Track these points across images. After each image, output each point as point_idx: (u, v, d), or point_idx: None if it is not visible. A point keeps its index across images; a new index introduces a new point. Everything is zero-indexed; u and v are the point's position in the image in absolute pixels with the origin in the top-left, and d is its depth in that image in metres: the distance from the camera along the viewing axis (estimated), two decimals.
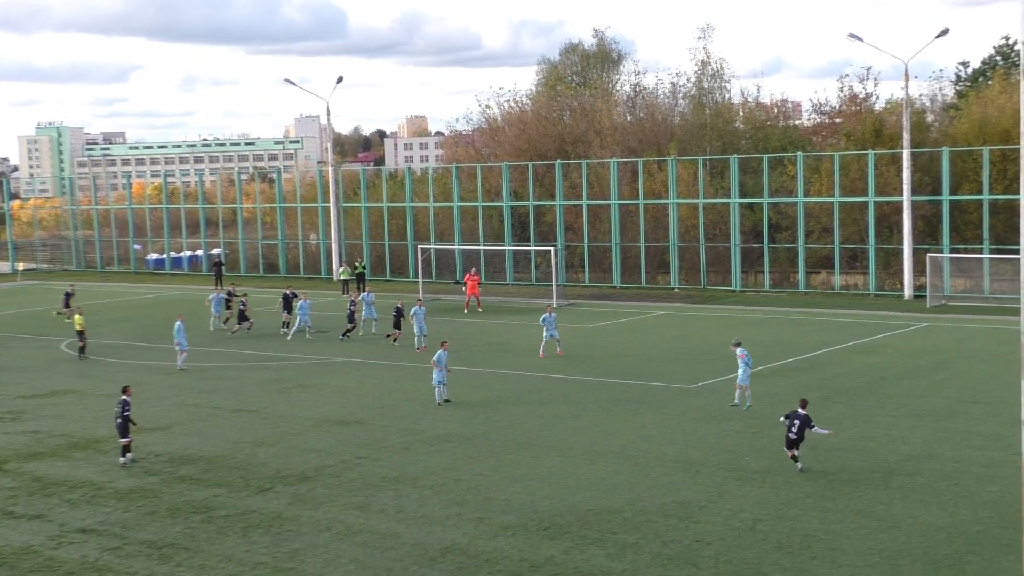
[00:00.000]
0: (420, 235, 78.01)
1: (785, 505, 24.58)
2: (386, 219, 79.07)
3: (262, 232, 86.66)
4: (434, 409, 35.55)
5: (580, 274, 73.23)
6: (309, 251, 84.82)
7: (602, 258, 73.34)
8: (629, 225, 72.04)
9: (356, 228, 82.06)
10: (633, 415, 33.96)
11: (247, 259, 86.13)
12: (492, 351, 47.24)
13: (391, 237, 79.38)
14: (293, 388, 40.19)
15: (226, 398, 38.71)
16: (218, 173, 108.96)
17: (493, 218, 77.68)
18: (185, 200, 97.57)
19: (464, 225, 77.04)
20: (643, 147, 79.77)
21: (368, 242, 79.92)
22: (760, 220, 68.51)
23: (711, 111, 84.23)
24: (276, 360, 46.68)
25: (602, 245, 72.77)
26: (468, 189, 79.44)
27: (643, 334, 51.36)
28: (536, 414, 34.48)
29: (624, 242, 71.43)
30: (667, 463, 28.25)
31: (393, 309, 50.83)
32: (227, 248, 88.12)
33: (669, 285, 69.39)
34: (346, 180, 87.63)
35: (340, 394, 38.77)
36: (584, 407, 35.35)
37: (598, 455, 29.24)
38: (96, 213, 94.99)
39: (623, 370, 41.83)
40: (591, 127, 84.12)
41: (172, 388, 40.56)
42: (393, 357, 46.01)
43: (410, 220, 77.80)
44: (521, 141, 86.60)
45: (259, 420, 34.97)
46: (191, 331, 48.02)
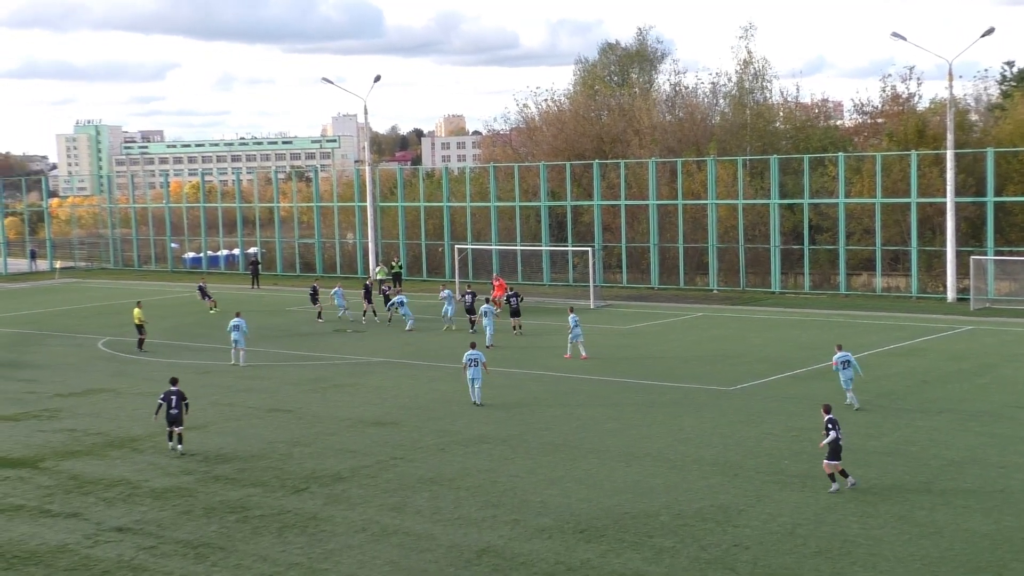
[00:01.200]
0: (457, 235, 78.06)
1: (825, 510, 24.42)
2: (423, 219, 79.19)
3: (299, 231, 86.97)
4: (470, 410, 35.54)
5: (618, 275, 73.06)
6: (346, 250, 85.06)
7: (640, 259, 73.15)
8: (667, 226, 71.80)
9: (393, 228, 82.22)
10: (671, 417, 33.85)
11: (283, 258, 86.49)
12: (528, 352, 47.19)
13: (428, 237, 79.50)
14: (329, 388, 40.29)
15: (262, 398, 38.86)
16: (255, 172, 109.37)
17: (530, 218, 77.63)
18: (222, 199, 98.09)
19: (501, 225, 77.03)
20: (682, 147, 79.50)
21: (405, 242, 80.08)
22: (800, 221, 68.13)
23: (751, 111, 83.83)
24: (312, 360, 46.82)
25: (640, 246, 72.56)
26: (505, 189, 79.42)
27: (681, 336, 51.19)
28: (572, 416, 34.42)
29: (662, 243, 71.20)
30: (705, 466, 28.13)
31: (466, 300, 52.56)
32: (264, 247, 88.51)
33: (708, 287, 69.13)
34: (383, 179, 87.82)
35: (376, 394, 38.83)
36: (621, 409, 35.26)
37: (635, 458, 29.16)
38: (134, 211, 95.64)
39: (661, 372, 41.70)
40: (629, 127, 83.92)
41: (207, 387, 40.75)
42: (429, 357, 46.07)
43: (447, 220, 77.87)
44: (559, 141, 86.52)
45: (294, 420, 35.08)
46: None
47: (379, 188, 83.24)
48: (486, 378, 37.30)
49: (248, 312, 61.55)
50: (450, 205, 78.51)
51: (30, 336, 56.43)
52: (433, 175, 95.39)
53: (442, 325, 54.10)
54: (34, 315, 65.30)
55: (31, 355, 50.32)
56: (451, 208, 78.66)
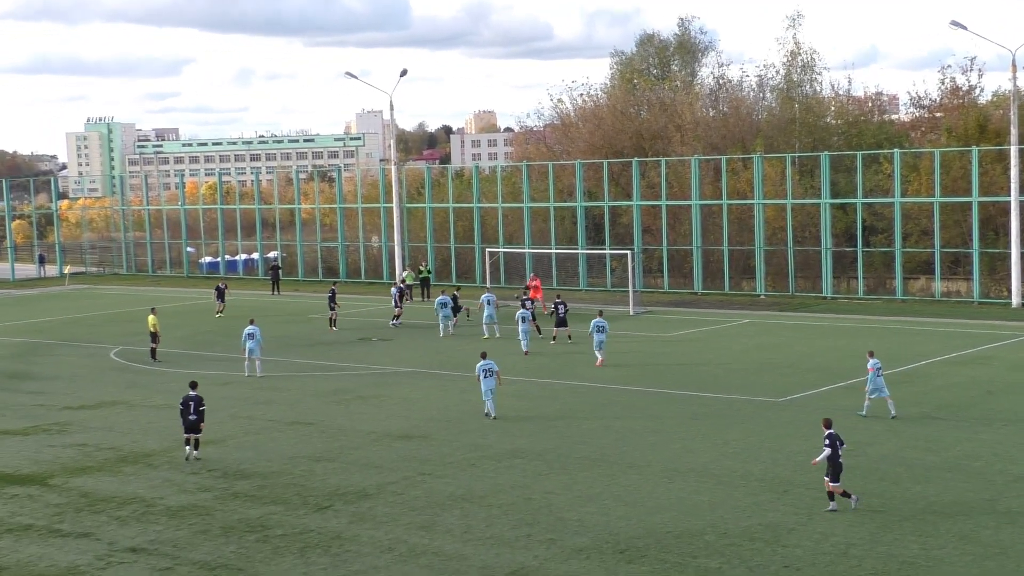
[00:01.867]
0: (488, 237, 78.10)
1: (881, 529, 24.25)
2: (452, 220, 79.30)
3: (321, 234, 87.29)
4: (502, 423, 35.54)
5: (659, 279, 72.93)
6: (371, 254, 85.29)
7: (682, 262, 72.98)
8: (711, 227, 71.59)
9: (420, 230, 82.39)
10: (716, 430, 33.74)
11: (305, 262, 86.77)
12: (564, 361, 47.16)
13: (457, 240, 79.59)
14: (353, 400, 40.37)
15: (282, 410, 38.97)
16: (275, 171, 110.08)
17: (565, 219, 77.60)
18: (240, 200, 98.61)
19: (535, 227, 77.06)
20: (727, 144, 79.29)
21: (433, 245, 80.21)
22: (853, 222, 67.82)
23: (800, 105, 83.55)
24: (335, 370, 46.92)
25: (682, 248, 72.41)
26: (539, 189, 79.44)
27: (726, 344, 51.03)
28: (611, 428, 34.37)
29: (706, 245, 71.04)
30: (752, 482, 28.01)
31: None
32: (284, 251, 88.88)
33: (754, 291, 68.92)
34: (410, 179, 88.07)
35: (403, 406, 38.88)
36: (663, 421, 35.19)
37: (678, 473, 29.07)
38: (147, 214, 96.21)
39: (705, 382, 41.58)
40: (671, 122, 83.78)
41: (226, 399, 40.90)
42: (460, 367, 46.09)
43: (477, 221, 77.96)
44: (596, 137, 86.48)
45: (317, 434, 35.16)
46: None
47: (406, 188, 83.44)
48: (517, 389, 37.19)
49: (268, 319, 61.77)
50: (481, 206, 78.58)
51: (39, 346, 56.82)
52: (463, 174, 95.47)
53: (481, 333, 54.00)
54: (43, 323, 65.77)
55: (40, 366, 50.65)
56: (482, 209, 78.73)
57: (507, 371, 44.82)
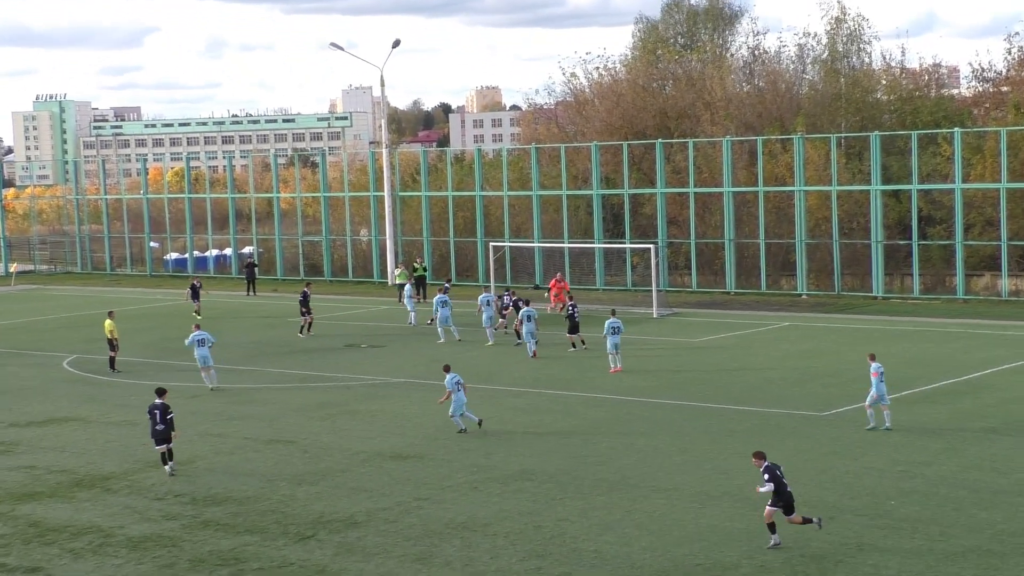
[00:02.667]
0: (492, 230, 78.07)
1: (942, 560, 24.20)
2: (451, 211, 79.30)
3: (303, 227, 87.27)
4: (508, 441, 35.51)
5: (686, 277, 72.89)
6: (359, 250, 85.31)
7: (713, 258, 72.94)
8: (746, 218, 71.53)
9: (415, 222, 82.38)
10: (752, 448, 33.58)
11: (285, 259, 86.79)
12: (578, 369, 47.12)
13: (457, 233, 79.59)
14: (340, 414, 40.36)
15: (259, 426, 38.95)
16: (250, 156, 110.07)
17: (580, 209, 77.57)
18: (211, 188, 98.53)
19: (545, 218, 77.02)
20: (763, 123, 79.27)
21: (430, 238, 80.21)
22: (907, 211, 67.76)
23: (847, 79, 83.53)
24: (319, 381, 46.91)
25: (713, 242, 72.38)
26: (550, 175, 79.41)
27: (763, 350, 50.99)
28: (633, 447, 34.32)
29: (740, 238, 71.00)
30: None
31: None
32: (261, 246, 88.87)
33: (795, 291, 68.88)
34: (403, 164, 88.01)
35: (396, 422, 38.87)
36: (691, 439, 35.13)
37: (709, 498, 29.02)
38: (106, 204, 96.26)
39: (739, 394, 41.53)
40: (700, 99, 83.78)
41: (195, 415, 40.88)
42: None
43: (480, 212, 77.96)
44: (614, 116, 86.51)
45: (299, 453, 35.15)
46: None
47: (399, 175, 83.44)
48: (526, 402, 37.09)
49: (242, 323, 61.75)
50: (484, 194, 78.56)
51: None
52: (464, 158, 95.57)
53: (486, 339, 54.00)
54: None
55: None
56: (485, 198, 78.70)
57: (513, 381, 44.82)
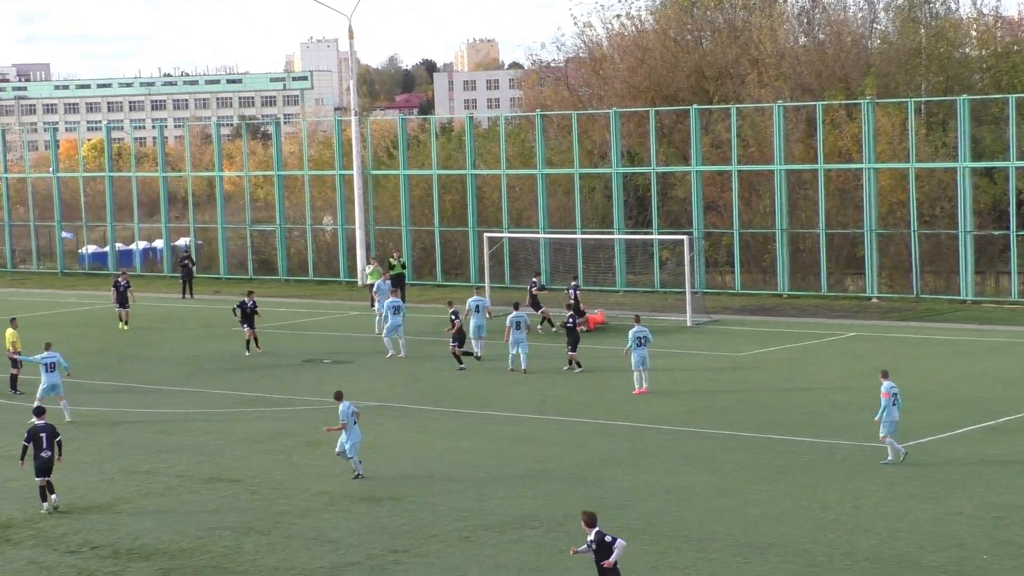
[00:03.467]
0: (487, 218, 77.97)
1: None
2: (436, 194, 79.10)
3: (252, 213, 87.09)
4: (506, 481, 35.41)
5: (728, 276, 72.76)
6: (322, 242, 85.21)
7: (761, 252, 72.85)
8: (802, 202, 71.47)
9: (392, 207, 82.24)
10: (808, 489, 33.60)
11: (230, 254, 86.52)
12: (592, 389, 47.04)
13: (444, 220, 79.44)
14: (297, 447, 40.28)
15: (197, 462, 38.85)
16: (186, 125, 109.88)
17: (596, 192, 77.49)
18: (138, 165, 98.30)
19: (553, 203, 76.90)
20: (824, 84, 79.14)
21: (409, 228, 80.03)
22: (1003, 194, 67.71)
23: (928, 30, 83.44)
24: (272, 405, 46.85)
25: (761, 232, 72.29)
26: (559, 149, 79.33)
27: (824, 367, 50.99)
28: (659, 486, 34.22)
29: (795, 228, 70.91)
30: (862, 562, 27.91)
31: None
32: (200, 237, 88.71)
33: (863, 293, 68.81)
34: (377, 136, 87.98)
35: (367, 455, 38.76)
36: (733, 476, 35.03)
37: (756, 549, 28.99)
38: (6, 185, 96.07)
39: (793, 421, 41.47)
40: (745, 55, 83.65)
41: (116, 446, 40.81)
42: (447, 400, 45.98)
43: (472, 195, 77.77)
44: (639, 77, 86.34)
45: (246, 495, 35.06)
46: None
47: (371, 149, 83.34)
48: (525, 431, 36.99)
49: (178, 332, 61.65)
50: (477, 173, 78.43)
51: None
52: (452, 129, 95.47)
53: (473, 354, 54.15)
54: None
55: None
56: (479, 178, 78.59)
57: (511, 405, 44.78)
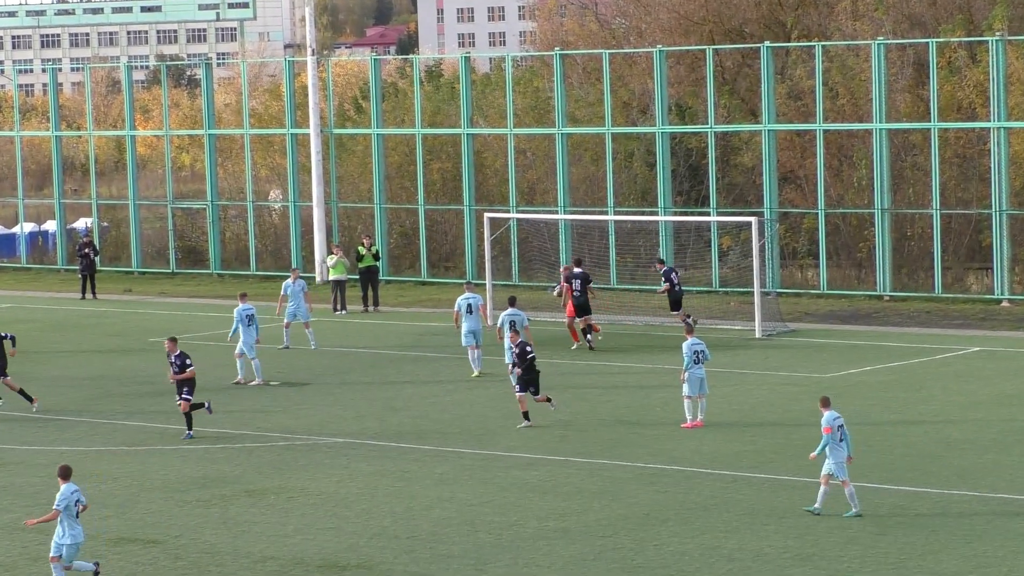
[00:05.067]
0: (487, 193, 78.18)
1: None
2: (420, 160, 79.10)
3: (174, 186, 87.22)
4: (514, 540, 35.42)
5: (811, 272, 72.89)
6: (267, 224, 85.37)
7: (854, 239, 72.94)
8: (909, 173, 71.68)
9: (361, 178, 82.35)
10: (916, 555, 33.61)
11: (143, 241, 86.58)
12: (629, 424, 47.12)
13: (431, 197, 79.53)
14: (234, 496, 40.40)
15: (102, 516, 38.89)
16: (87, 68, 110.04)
17: (635, 158, 77.60)
18: (23, 122, 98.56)
19: (577, 173, 77.05)
20: (938, 17, 79.30)
21: (383, 206, 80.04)
22: None
23: None
24: (202, 439, 46.95)
25: (855, 213, 72.37)
26: (585, 101, 79.49)
27: (935, 393, 51.13)
28: (719, 552, 34.21)
29: (899, 207, 70.98)
30: None
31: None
32: (105, 218, 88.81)
33: (990, 294, 68.89)
34: (341, 83, 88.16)
35: (328, 508, 38.89)
36: (817, 537, 35.01)
37: None
38: None
39: (895, 464, 41.55)
40: None
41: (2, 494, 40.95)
42: (431, 437, 46.04)
43: (468, 163, 77.81)
44: (692, 4, 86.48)
45: (167, 560, 35.13)
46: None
47: (332, 101, 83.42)
48: (545, 475, 37.05)
49: (76, 343, 61.78)
50: (473, 133, 78.45)
51: None
52: (441, 74, 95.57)
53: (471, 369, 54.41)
54: None
55: None
56: (477, 139, 78.65)
57: (520, 442, 44.83)
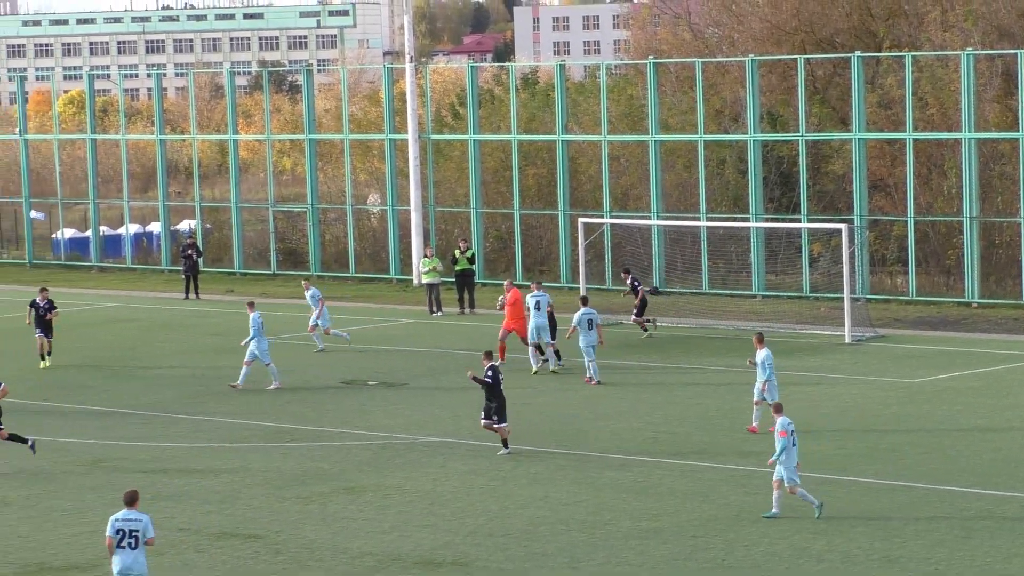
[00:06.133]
0: (581, 198, 78.05)
1: None
2: (516, 166, 79.08)
3: (275, 190, 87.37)
4: (607, 538, 35.35)
5: (899, 278, 72.53)
6: (366, 227, 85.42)
7: (943, 246, 72.60)
8: (998, 181, 71.23)
9: (458, 183, 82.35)
10: (1002, 558, 33.38)
11: (245, 243, 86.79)
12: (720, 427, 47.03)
13: (525, 202, 79.49)
14: (333, 493, 40.46)
15: (204, 512, 39.02)
16: (191, 74, 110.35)
17: (726, 166, 77.45)
18: (129, 126, 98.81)
19: (669, 179, 76.90)
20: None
21: (479, 210, 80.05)
22: None
23: None
24: (301, 436, 47.11)
25: (944, 221, 72.02)
26: (677, 109, 79.35)
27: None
28: (809, 552, 34.05)
29: (988, 216, 70.58)
30: None
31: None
32: (208, 220, 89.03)
33: None
34: (439, 90, 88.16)
35: (424, 506, 38.87)
36: (905, 539, 34.79)
37: None
38: None
39: (983, 469, 41.35)
40: None
41: (101, 490, 40.95)
42: (526, 437, 45.96)
43: (563, 169, 77.72)
44: (784, 14, 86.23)
45: (267, 555, 35.21)
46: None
47: (430, 108, 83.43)
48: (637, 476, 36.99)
49: (179, 344, 62.04)
50: (568, 140, 78.42)
51: None
52: (537, 81, 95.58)
53: None
54: None
55: None
56: (572, 146, 78.61)
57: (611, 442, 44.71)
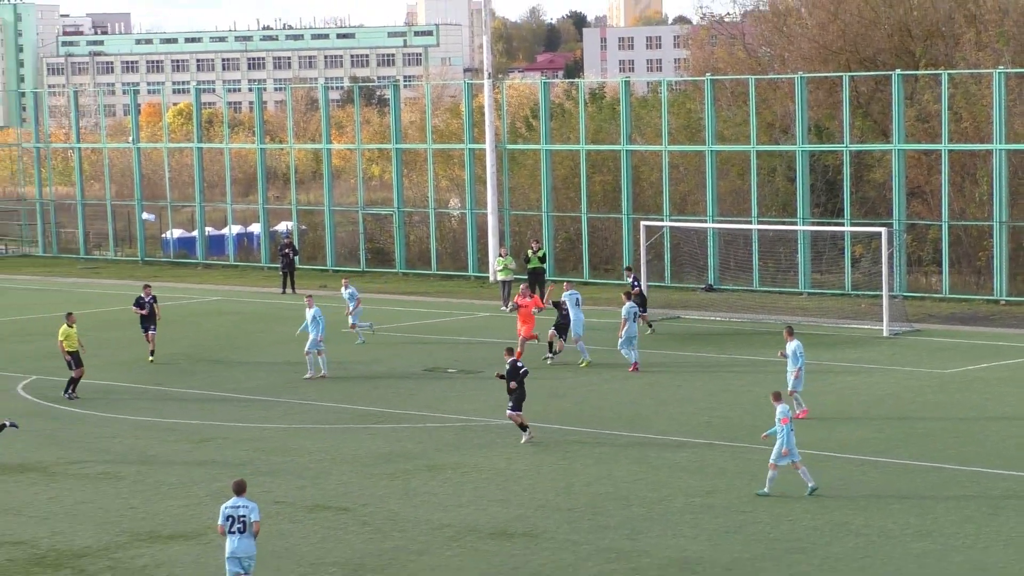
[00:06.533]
0: (643, 203, 77.78)
1: None
2: (584, 173, 78.94)
3: (365, 194, 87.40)
4: (664, 514, 35.29)
5: (934, 278, 72.13)
6: (447, 228, 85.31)
7: (975, 248, 72.16)
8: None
9: (531, 188, 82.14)
10: None
11: (337, 242, 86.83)
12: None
13: (593, 206, 79.38)
14: (415, 471, 40.48)
15: (299, 486, 39.07)
16: (288, 88, 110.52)
17: (776, 174, 77.16)
18: (232, 135, 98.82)
19: (724, 186, 76.62)
20: None
21: (550, 214, 79.95)
22: None
23: None
24: (386, 419, 47.22)
25: (976, 225, 71.63)
26: (732, 121, 79.05)
27: None
28: (847, 528, 33.85)
29: (1016, 219, 70.21)
30: None
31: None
32: (303, 221, 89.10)
33: None
34: (514, 103, 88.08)
35: (498, 482, 38.82)
36: (936, 517, 34.62)
37: None
38: (79, 156, 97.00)
39: (1011, 454, 41.12)
40: (960, 9, 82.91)
41: (206, 466, 41.07)
42: (591, 421, 45.95)
43: (626, 176, 77.55)
44: (830, 35, 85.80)
45: (355, 526, 35.25)
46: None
47: (507, 120, 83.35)
48: (692, 456, 36.92)
49: (275, 334, 62.18)
50: (632, 149, 78.28)
51: None
52: (604, 96, 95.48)
53: None
54: None
55: None
56: (635, 155, 78.44)
57: (669, 425, 44.60)
